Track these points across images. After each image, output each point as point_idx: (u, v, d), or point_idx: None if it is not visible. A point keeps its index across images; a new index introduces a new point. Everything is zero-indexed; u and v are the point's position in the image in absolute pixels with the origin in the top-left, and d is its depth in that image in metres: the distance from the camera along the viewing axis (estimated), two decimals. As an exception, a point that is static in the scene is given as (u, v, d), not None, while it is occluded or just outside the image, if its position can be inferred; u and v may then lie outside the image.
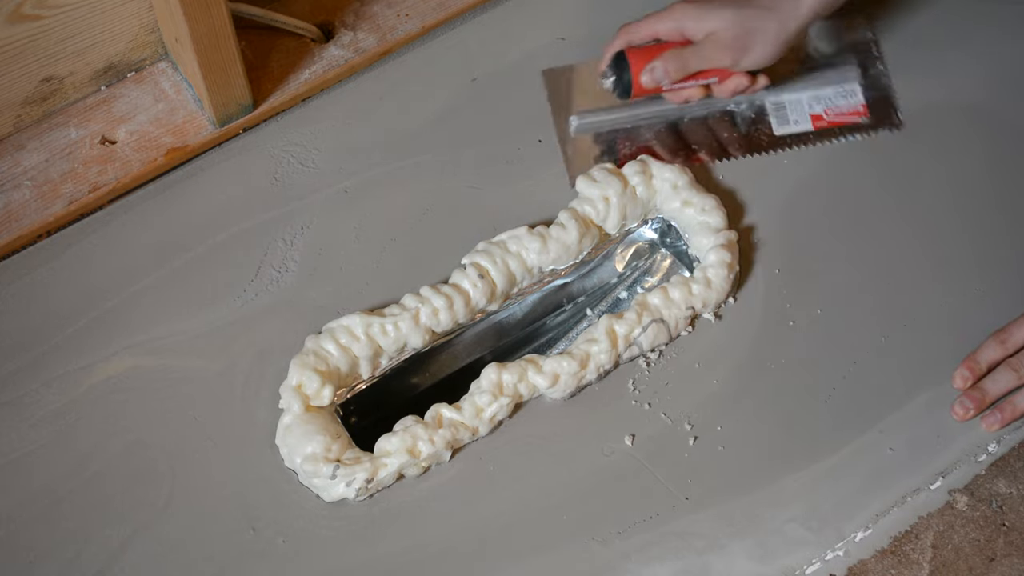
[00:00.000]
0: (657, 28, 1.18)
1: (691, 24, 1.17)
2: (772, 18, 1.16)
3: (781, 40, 1.17)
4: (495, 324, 1.21)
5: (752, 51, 1.17)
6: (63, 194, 1.24)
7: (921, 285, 1.21)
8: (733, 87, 1.20)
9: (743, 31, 1.16)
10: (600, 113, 1.27)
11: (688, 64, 1.17)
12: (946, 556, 1.10)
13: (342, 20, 1.36)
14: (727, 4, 1.16)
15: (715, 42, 1.16)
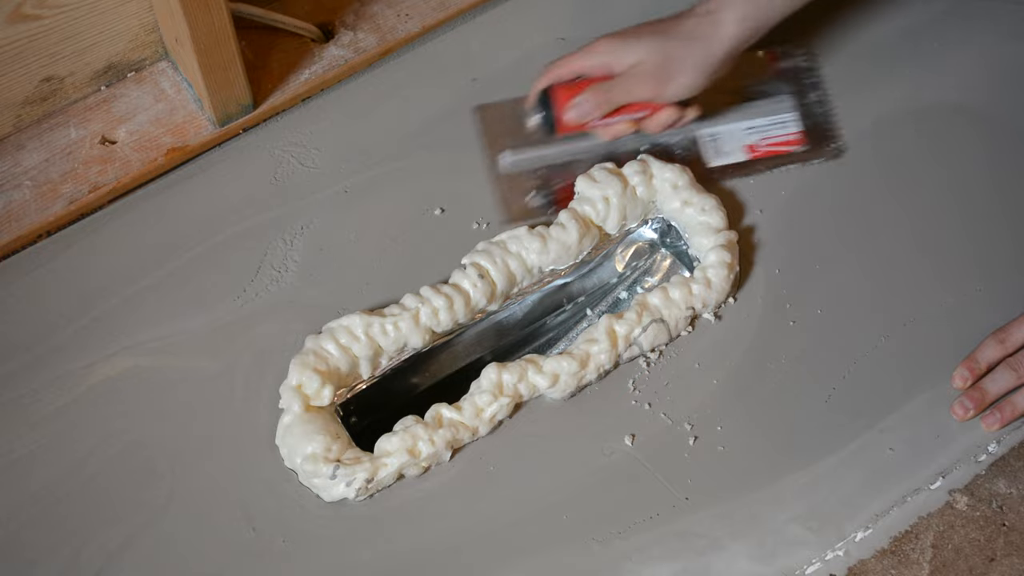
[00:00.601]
0: (582, 64, 1.17)
1: (614, 58, 1.16)
2: (694, 47, 1.15)
3: (705, 69, 1.15)
4: (495, 324, 1.21)
5: (675, 81, 1.15)
6: (63, 194, 1.24)
7: (921, 285, 1.21)
8: (663, 121, 1.19)
9: (665, 61, 1.14)
10: (532, 150, 1.25)
11: (612, 97, 1.16)
12: (946, 556, 1.10)
13: (342, 20, 1.36)
14: (648, 35, 1.16)
15: (638, 74, 1.15)
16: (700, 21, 1.15)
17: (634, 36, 1.16)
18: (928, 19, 1.37)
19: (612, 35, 1.17)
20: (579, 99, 1.17)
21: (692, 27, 1.15)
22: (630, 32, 1.17)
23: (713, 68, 1.16)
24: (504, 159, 1.25)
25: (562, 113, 1.18)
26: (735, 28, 1.15)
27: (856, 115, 1.32)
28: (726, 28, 1.15)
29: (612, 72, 1.17)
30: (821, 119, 1.30)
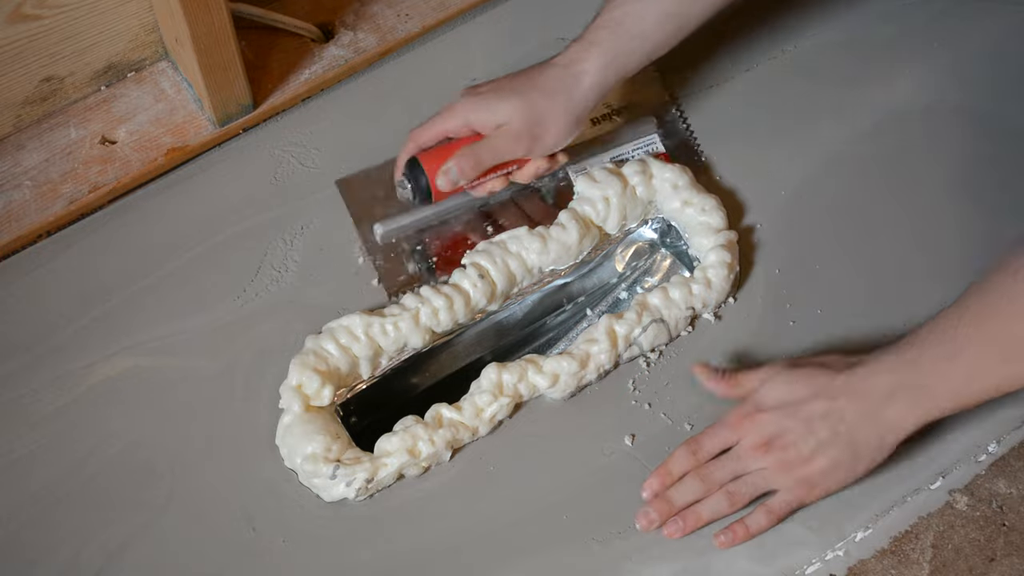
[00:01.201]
0: (446, 127, 1.15)
1: (478, 118, 1.14)
2: (558, 100, 1.13)
3: (571, 121, 1.14)
4: (495, 324, 1.21)
5: (545, 138, 1.14)
6: (63, 194, 1.24)
7: (921, 285, 1.21)
8: (533, 172, 1.17)
9: (532, 119, 1.13)
10: (404, 216, 1.22)
11: (482, 160, 1.14)
12: (946, 556, 1.10)
13: (342, 20, 1.36)
14: (511, 93, 1.14)
15: (506, 134, 1.13)
16: (562, 73, 1.14)
17: (495, 95, 1.14)
18: (928, 19, 1.37)
19: (472, 94, 1.15)
20: (448, 165, 1.14)
21: (554, 80, 1.13)
22: (490, 90, 1.15)
23: (579, 119, 1.15)
24: (376, 231, 1.22)
25: (434, 181, 1.15)
26: (597, 78, 1.14)
27: (856, 115, 1.32)
28: (588, 79, 1.13)
29: (476, 132, 1.15)
30: (683, 136, 1.29)
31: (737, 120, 1.31)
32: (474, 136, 1.15)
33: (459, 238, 1.22)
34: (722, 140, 1.30)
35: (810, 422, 1.07)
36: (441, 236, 1.22)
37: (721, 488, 1.09)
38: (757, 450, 1.08)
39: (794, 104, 1.32)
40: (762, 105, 1.32)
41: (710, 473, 1.09)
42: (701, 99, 1.32)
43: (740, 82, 1.34)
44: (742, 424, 1.10)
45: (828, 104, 1.32)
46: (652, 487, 1.10)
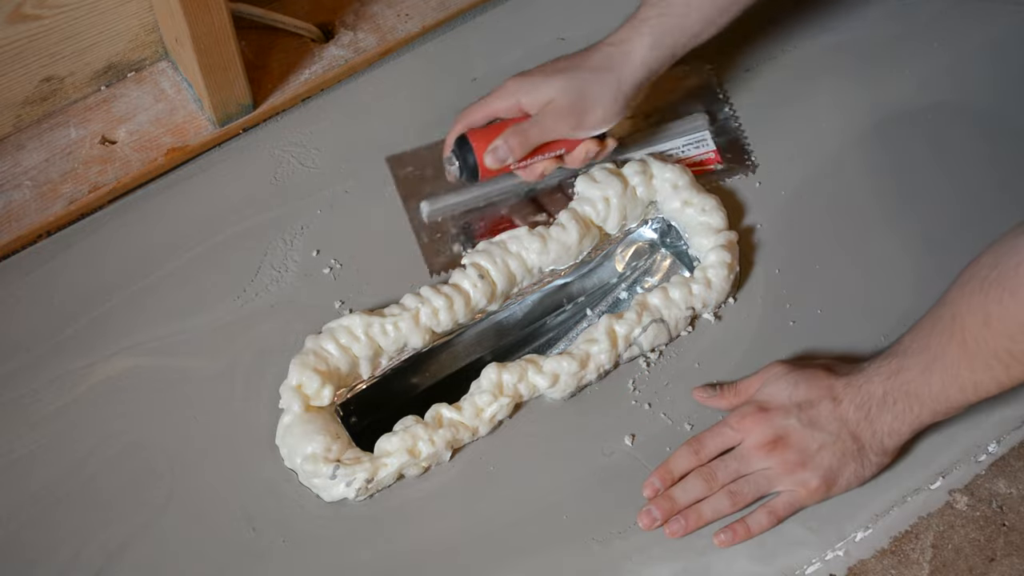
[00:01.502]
0: (495, 107, 1.16)
1: (526, 98, 1.14)
2: (606, 79, 1.13)
3: (619, 100, 1.14)
4: (495, 324, 1.21)
5: (591, 114, 1.14)
6: (63, 194, 1.24)
7: (921, 285, 1.21)
8: (583, 155, 1.17)
9: (578, 96, 1.13)
10: (451, 195, 1.22)
11: (530, 138, 1.14)
12: (946, 556, 1.10)
13: (342, 20, 1.36)
14: (559, 72, 1.14)
15: (553, 111, 1.14)
16: (610, 52, 1.14)
17: (544, 74, 1.14)
18: (928, 19, 1.37)
19: (522, 75, 1.15)
20: (496, 143, 1.14)
21: (603, 59, 1.13)
22: (540, 70, 1.15)
23: (627, 98, 1.14)
24: (423, 209, 1.23)
25: (481, 159, 1.15)
26: (646, 56, 1.13)
27: (856, 115, 1.32)
28: (637, 57, 1.13)
29: (526, 113, 1.15)
30: (735, 134, 1.29)
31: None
32: (523, 117, 1.15)
33: (505, 221, 1.23)
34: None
35: (814, 423, 1.07)
36: (486, 218, 1.23)
37: (723, 488, 1.09)
38: (760, 450, 1.08)
39: (794, 104, 1.32)
40: (762, 105, 1.32)
41: (713, 472, 1.09)
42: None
43: (740, 82, 1.33)
44: (745, 424, 1.10)
45: (828, 104, 1.32)
46: (653, 486, 1.10)
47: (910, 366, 1.04)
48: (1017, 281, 0.96)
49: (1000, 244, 0.99)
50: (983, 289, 0.98)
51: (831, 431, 1.07)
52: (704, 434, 1.12)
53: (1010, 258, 0.97)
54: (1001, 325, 0.97)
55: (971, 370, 1.01)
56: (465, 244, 1.22)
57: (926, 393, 1.04)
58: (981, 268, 0.99)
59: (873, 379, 1.06)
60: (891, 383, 1.05)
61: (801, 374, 1.10)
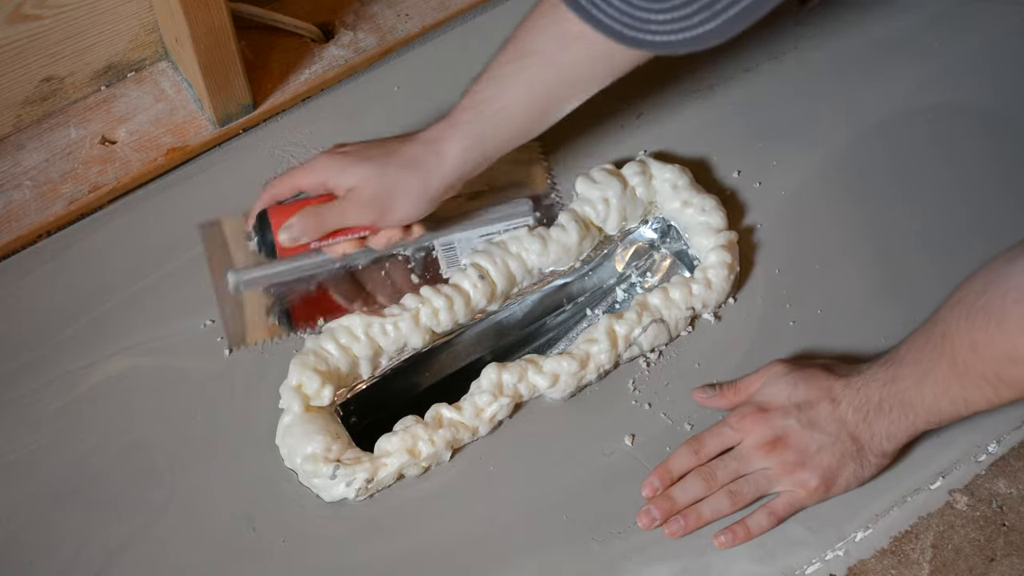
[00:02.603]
0: (301, 182, 1.12)
1: (332, 178, 1.11)
2: (414, 175, 1.10)
3: (424, 199, 1.11)
4: (495, 324, 1.21)
5: (393, 210, 1.11)
6: (63, 194, 1.24)
7: (921, 285, 1.21)
8: (385, 240, 1.14)
9: (383, 189, 1.10)
10: (263, 267, 1.17)
11: (325, 222, 1.11)
12: (946, 556, 1.10)
13: (342, 20, 1.36)
14: (368, 160, 1.11)
15: (354, 200, 1.10)
16: (423, 149, 1.10)
17: (353, 158, 1.11)
18: (928, 19, 1.37)
19: (333, 152, 1.12)
20: (291, 221, 1.11)
21: (414, 154, 1.10)
22: (351, 152, 1.12)
23: (432, 197, 1.11)
24: (230, 279, 1.18)
25: (277, 236, 1.11)
26: (457, 160, 1.10)
27: (856, 115, 1.32)
28: (448, 159, 1.10)
29: (330, 192, 1.12)
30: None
31: (737, 120, 1.31)
32: (327, 196, 1.12)
33: (318, 296, 1.18)
34: (722, 140, 1.30)
35: (813, 424, 1.07)
36: (300, 291, 1.18)
37: (723, 488, 1.09)
38: (760, 450, 1.08)
39: (794, 104, 1.32)
40: (762, 105, 1.32)
41: (712, 472, 1.09)
42: (701, 99, 1.32)
43: (740, 82, 1.34)
44: (744, 424, 1.10)
45: (828, 104, 1.32)
46: (652, 486, 1.10)
47: (905, 375, 1.04)
48: (1003, 312, 0.95)
49: (991, 269, 0.99)
50: (971, 315, 0.98)
51: (830, 432, 1.07)
52: (704, 434, 1.12)
53: (998, 286, 0.97)
54: (988, 353, 0.97)
55: (961, 387, 1.01)
56: (278, 317, 1.18)
57: (919, 404, 1.04)
58: (970, 292, 0.99)
59: (871, 383, 1.07)
60: (887, 390, 1.06)
61: (801, 374, 1.10)
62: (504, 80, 1.10)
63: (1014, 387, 0.98)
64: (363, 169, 1.10)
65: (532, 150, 1.25)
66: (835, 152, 1.30)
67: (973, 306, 0.98)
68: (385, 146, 1.12)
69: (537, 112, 1.12)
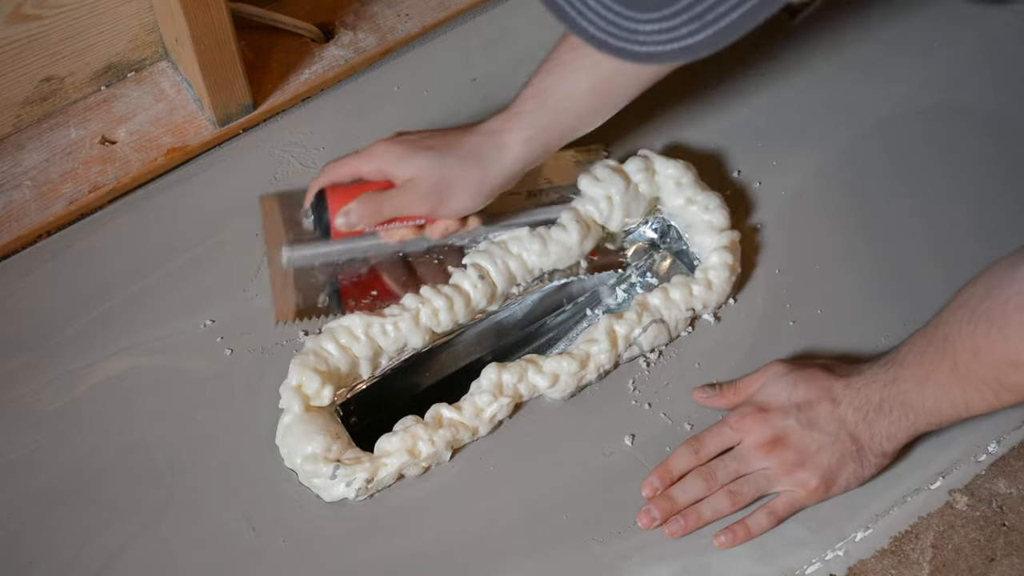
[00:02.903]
0: (360, 168, 1.12)
1: (392, 167, 1.10)
2: (474, 167, 1.09)
3: (483, 191, 1.10)
4: (495, 324, 1.21)
5: (451, 201, 1.10)
6: (63, 194, 1.24)
7: (921, 285, 1.21)
8: (441, 230, 1.13)
9: (442, 180, 1.09)
10: (317, 245, 1.16)
11: (382, 210, 1.11)
12: (946, 556, 1.10)
13: (342, 20, 1.36)
14: (428, 149, 1.10)
15: (412, 189, 1.10)
16: (484, 141, 1.10)
17: (414, 148, 1.10)
18: (928, 19, 1.37)
19: (393, 140, 1.12)
20: (349, 207, 1.10)
21: (475, 146, 1.10)
22: (412, 141, 1.11)
23: (491, 189, 1.11)
24: (283, 254, 1.17)
25: (333, 219, 1.11)
26: (519, 151, 1.10)
27: (856, 115, 1.32)
28: (510, 151, 1.10)
29: (389, 179, 1.11)
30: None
31: (737, 120, 1.31)
32: (386, 183, 1.12)
33: (371, 278, 1.18)
34: (722, 140, 1.30)
35: (813, 424, 1.07)
36: (351, 272, 1.18)
37: (723, 487, 1.09)
38: (760, 450, 1.08)
39: (795, 104, 1.32)
40: (763, 105, 1.32)
41: (712, 472, 1.09)
42: (701, 99, 1.32)
43: (741, 82, 1.33)
44: (744, 424, 1.10)
45: (829, 104, 1.32)
46: (652, 486, 1.10)
47: (906, 377, 1.05)
48: (1005, 318, 0.96)
49: (994, 273, 0.99)
50: (973, 319, 0.98)
51: (830, 432, 1.07)
52: (703, 434, 1.12)
53: (1001, 291, 0.97)
54: (989, 358, 0.98)
55: (962, 391, 1.01)
56: (328, 295, 1.17)
57: (920, 405, 1.04)
58: (973, 296, 0.99)
59: (871, 384, 1.07)
60: (887, 391, 1.06)
61: (800, 374, 1.10)
62: (565, 69, 1.10)
63: (1015, 392, 0.99)
64: (423, 159, 1.10)
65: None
66: (835, 152, 1.30)
67: (976, 311, 0.98)
68: (446, 137, 1.12)
69: (599, 100, 1.11)
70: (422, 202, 1.11)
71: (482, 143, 1.10)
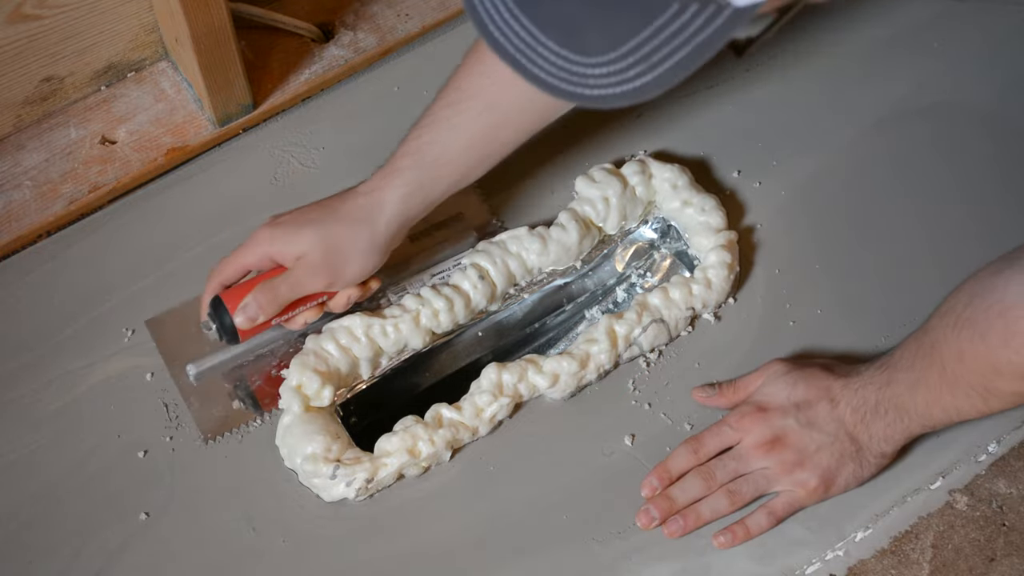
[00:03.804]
0: (246, 261, 1.09)
1: (278, 251, 1.08)
2: (361, 230, 1.08)
3: (375, 251, 1.09)
4: (495, 324, 1.21)
5: (346, 268, 1.08)
6: (63, 194, 1.24)
7: (921, 285, 1.21)
8: (344, 301, 1.11)
9: (332, 250, 1.07)
10: (220, 353, 1.13)
11: (280, 295, 1.07)
12: (946, 556, 1.10)
13: (342, 20, 1.36)
14: (311, 223, 1.08)
15: (305, 266, 1.07)
16: (363, 203, 1.08)
17: (295, 225, 1.08)
18: (928, 19, 1.37)
19: (272, 223, 1.09)
20: (246, 301, 1.07)
21: (357, 209, 1.08)
22: (292, 219, 1.09)
23: (383, 248, 1.09)
24: (189, 372, 1.13)
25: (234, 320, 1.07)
26: (400, 206, 1.08)
27: (856, 115, 1.32)
28: (390, 208, 1.08)
29: (279, 265, 1.09)
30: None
31: (737, 120, 1.32)
32: (277, 269, 1.09)
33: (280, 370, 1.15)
34: (722, 140, 1.30)
35: (812, 424, 1.07)
36: (261, 369, 1.15)
37: (722, 487, 1.09)
38: (759, 449, 1.08)
39: (794, 104, 1.32)
40: (762, 105, 1.32)
41: (711, 472, 1.09)
42: (701, 99, 1.32)
43: (740, 82, 1.34)
44: (743, 423, 1.10)
45: (828, 104, 1.32)
46: (651, 485, 1.10)
47: (899, 380, 1.05)
48: (987, 325, 0.96)
49: (977, 280, 0.99)
50: (957, 326, 0.99)
51: (829, 432, 1.07)
52: (703, 433, 1.12)
53: (983, 298, 0.97)
54: (974, 364, 0.98)
55: (952, 396, 1.02)
56: (242, 400, 1.14)
57: (913, 409, 1.05)
58: (957, 304, 1.00)
59: (867, 386, 1.07)
60: (882, 394, 1.06)
61: (800, 374, 1.10)
62: (442, 125, 1.09)
63: (1001, 398, 0.99)
64: (308, 234, 1.07)
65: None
66: (835, 152, 1.30)
67: (960, 317, 0.98)
68: (324, 206, 1.09)
69: (477, 156, 1.10)
70: (318, 276, 1.08)
71: (363, 204, 1.08)
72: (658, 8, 0.71)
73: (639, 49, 0.73)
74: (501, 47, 0.76)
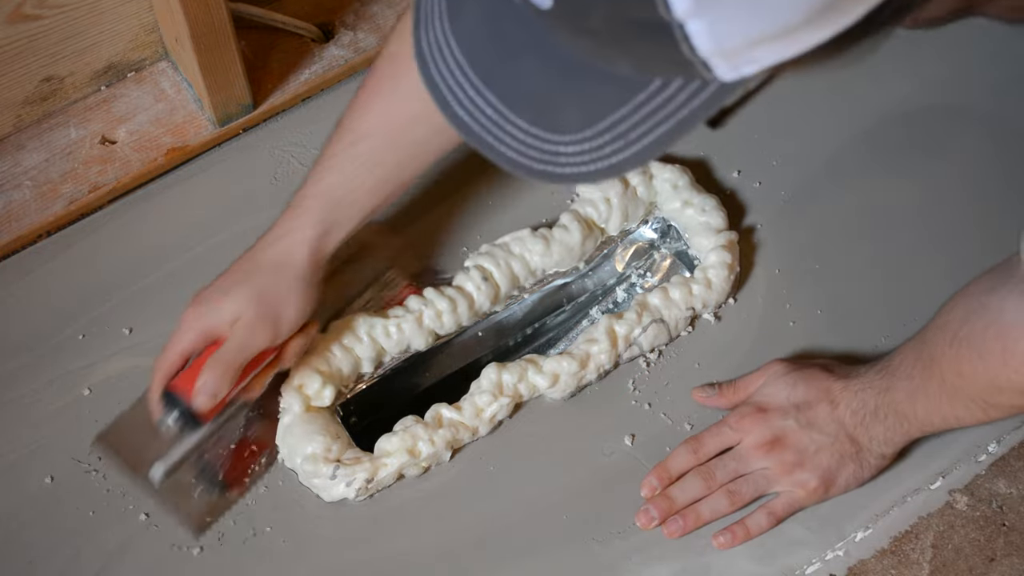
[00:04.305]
0: (182, 347, 1.05)
1: (211, 324, 1.05)
2: (285, 273, 1.05)
3: (307, 291, 1.07)
4: (496, 324, 1.21)
5: (285, 316, 1.06)
6: (63, 194, 1.24)
7: (921, 285, 1.21)
8: (293, 351, 1.09)
9: (264, 301, 1.04)
10: (178, 445, 1.10)
11: (231, 362, 1.04)
12: (946, 556, 1.10)
13: (342, 20, 1.36)
14: (236, 284, 1.05)
15: (245, 327, 1.04)
16: (279, 247, 1.06)
17: (221, 292, 1.05)
18: (928, 19, 1.37)
19: (197, 301, 1.06)
20: (199, 383, 1.03)
21: (273, 255, 1.06)
22: (215, 288, 1.06)
23: (313, 287, 1.07)
24: (156, 473, 1.09)
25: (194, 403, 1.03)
26: (314, 244, 1.06)
27: (856, 115, 1.32)
28: (306, 247, 1.06)
29: (217, 337, 1.05)
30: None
31: (737, 120, 1.31)
32: (215, 344, 1.05)
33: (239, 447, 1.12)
34: (722, 140, 1.30)
35: (812, 424, 1.07)
36: (220, 446, 1.12)
37: (722, 487, 1.09)
38: (759, 450, 1.08)
39: (794, 104, 1.32)
40: (762, 105, 1.32)
41: (711, 472, 1.09)
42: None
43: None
44: (743, 424, 1.10)
45: (828, 104, 1.32)
46: (651, 485, 1.10)
47: (898, 388, 1.05)
48: (984, 346, 0.96)
49: (971, 297, 0.99)
50: (955, 344, 0.98)
51: (829, 432, 1.07)
52: (703, 433, 1.12)
53: (979, 318, 0.97)
54: (974, 380, 0.98)
55: (952, 407, 1.02)
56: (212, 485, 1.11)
57: (912, 416, 1.05)
58: (953, 319, 0.99)
59: (867, 389, 1.07)
60: (882, 398, 1.06)
61: (800, 374, 1.10)
62: (346, 168, 1.06)
63: (1003, 409, 0.99)
64: (235, 295, 1.05)
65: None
66: (835, 152, 1.30)
67: (956, 335, 0.98)
68: (242, 265, 1.07)
69: (384, 194, 1.08)
70: (260, 332, 1.05)
71: (279, 249, 1.06)
72: (639, 85, 0.68)
73: (616, 126, 0.69)
74: (466, 126, 0.72)
